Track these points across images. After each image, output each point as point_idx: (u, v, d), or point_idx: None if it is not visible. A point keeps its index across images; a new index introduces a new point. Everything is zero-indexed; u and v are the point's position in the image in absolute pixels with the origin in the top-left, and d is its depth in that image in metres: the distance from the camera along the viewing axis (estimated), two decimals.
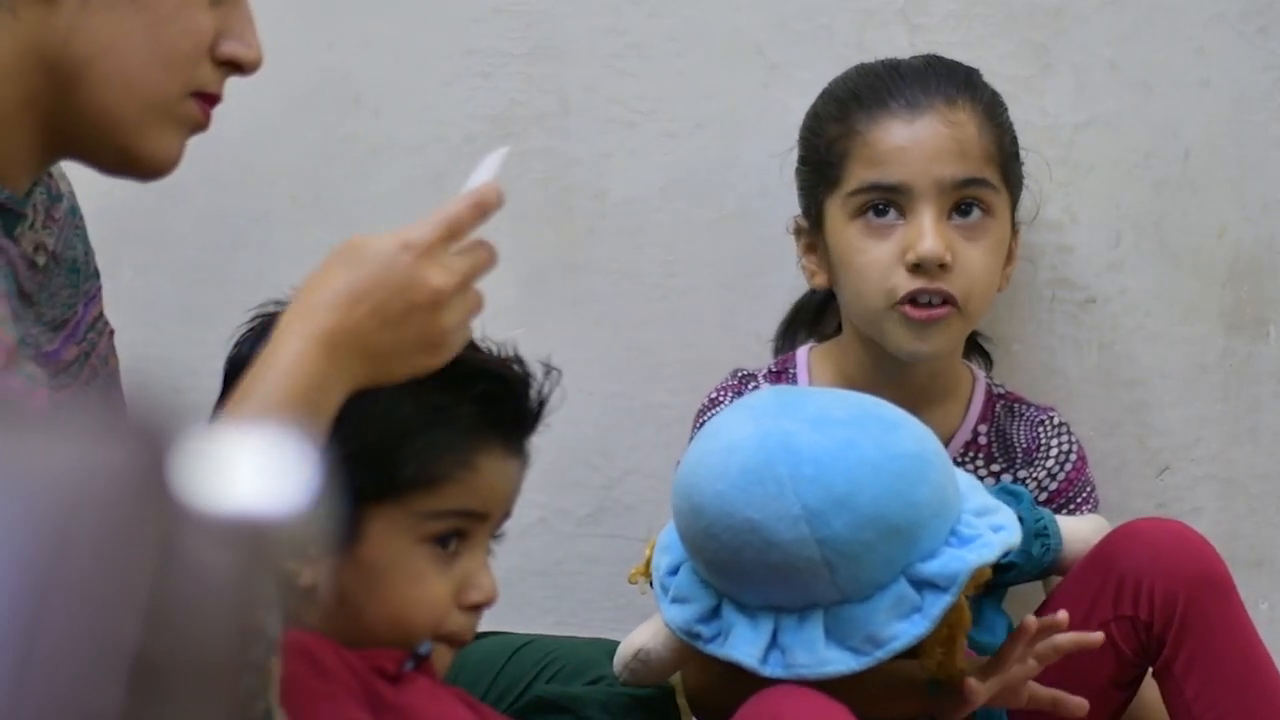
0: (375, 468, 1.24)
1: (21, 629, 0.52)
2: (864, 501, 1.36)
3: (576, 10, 1.86)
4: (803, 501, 1.35)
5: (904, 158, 1.61)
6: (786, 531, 1.36)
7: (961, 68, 1.68)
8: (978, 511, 1.43)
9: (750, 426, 1.40)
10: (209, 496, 0.57)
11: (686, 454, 1.46)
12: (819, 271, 1.69)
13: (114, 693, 0.53)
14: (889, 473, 1.37)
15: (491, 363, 1.33)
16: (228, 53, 1.23)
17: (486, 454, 1.29)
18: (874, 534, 1.36)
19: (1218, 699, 1.51)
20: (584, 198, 1.88)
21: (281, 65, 1.93)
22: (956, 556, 1.38)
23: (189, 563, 0.56)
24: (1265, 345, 1.82)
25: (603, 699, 1.53)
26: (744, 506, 1.37)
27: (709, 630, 1.43)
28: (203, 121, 1.24)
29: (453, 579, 1.28)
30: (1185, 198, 1.80)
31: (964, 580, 1.37)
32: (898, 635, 1.37)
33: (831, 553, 1.36)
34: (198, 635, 0.56)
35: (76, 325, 1.31)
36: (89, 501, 0.55)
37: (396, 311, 1.17)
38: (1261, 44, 1.77)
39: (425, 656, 1.28)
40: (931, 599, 1.37)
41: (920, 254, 1.58)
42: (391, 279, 1.18)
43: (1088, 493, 1.73)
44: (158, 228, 1.96)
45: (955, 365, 1.72)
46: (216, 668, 0.57)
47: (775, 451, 1.37)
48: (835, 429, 1.38)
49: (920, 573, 1.38)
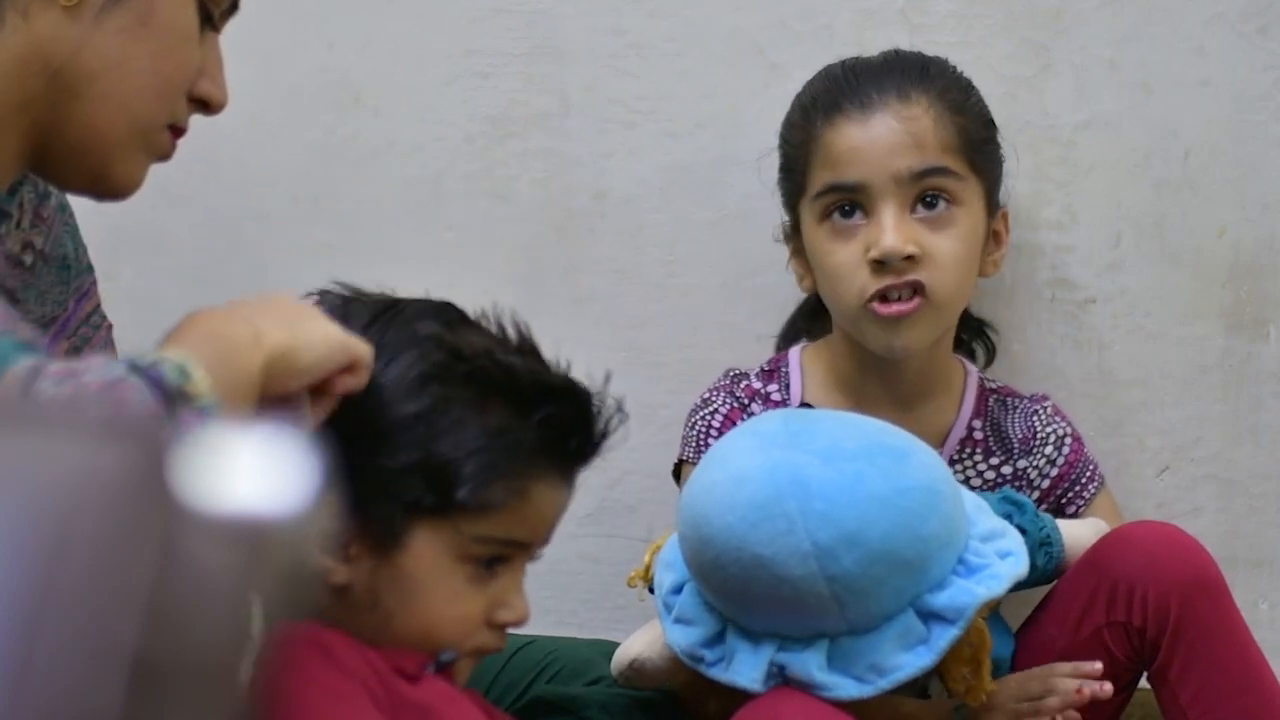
0: (430, 483, 1.23)
1: (21, 629, 0.52)
2: (874, 538, 1.34)
3: (576, 10, 1.86)
4: (813, 538, 1.34)
5: (858, 157, 1.61)
6: (797, 568, 1.34)
7: (919, 60, 1.68)
8: (985, 536, 1.42)
9: (760, 457, 1.38)
10: (209, 496, 0.57)
11: (693, 480, 1.45)
12: (805, 275, 1.70)
13: (114, 693, 0.53)
14: (898, 508, 1.36)
15: (559, 386, 1.30)
16: (203, 91, 1.25)
17: (541, 483, 1.28)
18: (883, 569, 1.35)
19: (1213, 704, 1.50)
20: (584, 198, 1.89)
21: (281, 65, 1.94)
22: (965, 589, 1.37)
23: (189, 563, 0.56)
24: (1265, 345, 1.82)
25: (603, 700, 1.52)
26: (753, 542, 1.36)
27: (712, 655, 1.43)
28: (170, 153, 1.26)
29: (486, 597, 1.28)
30: (1185, 198, 1.80)
31: (972, 614, 1.37)
32: (902, 666, 1.36)
33: (841, 589, 1.35)
34: (198, 635, 0.56)
35: (66, 321, 1.32)
36: (89, 501, 0.55)
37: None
38: (1261, 44, 1.77)
39: (449, 663, 1.27)
40: (939, 631, 1.37)
41: (882, 250, 1.59)
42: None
43: (1092, 471, 1.73)
44: (158, 228, 1.96)
45: (944, 360, 1.72)
46: (216, 668, 0.57)
47: (785, 486, 1.35)
48: (845, 462, 1.37)
49: (928, 605, 1.37)
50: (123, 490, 0.55)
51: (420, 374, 1.25)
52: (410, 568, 1.25)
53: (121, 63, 1.19)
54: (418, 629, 1.26)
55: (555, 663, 1.59)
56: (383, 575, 1.24)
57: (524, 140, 1.89)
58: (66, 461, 0.55)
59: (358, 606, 1.25)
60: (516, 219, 1.90)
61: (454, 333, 1.28)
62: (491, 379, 1.26)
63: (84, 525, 0.54)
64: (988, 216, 1.67)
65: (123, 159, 1.22)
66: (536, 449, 1.27)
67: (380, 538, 1.23)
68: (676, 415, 1.77)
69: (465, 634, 1.27)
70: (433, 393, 1.24)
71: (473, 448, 1.23)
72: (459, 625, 1.27)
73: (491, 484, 1.24)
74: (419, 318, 1.27)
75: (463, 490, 1.23)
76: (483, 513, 1.25)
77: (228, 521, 0.58)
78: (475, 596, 1.27)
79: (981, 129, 1.67)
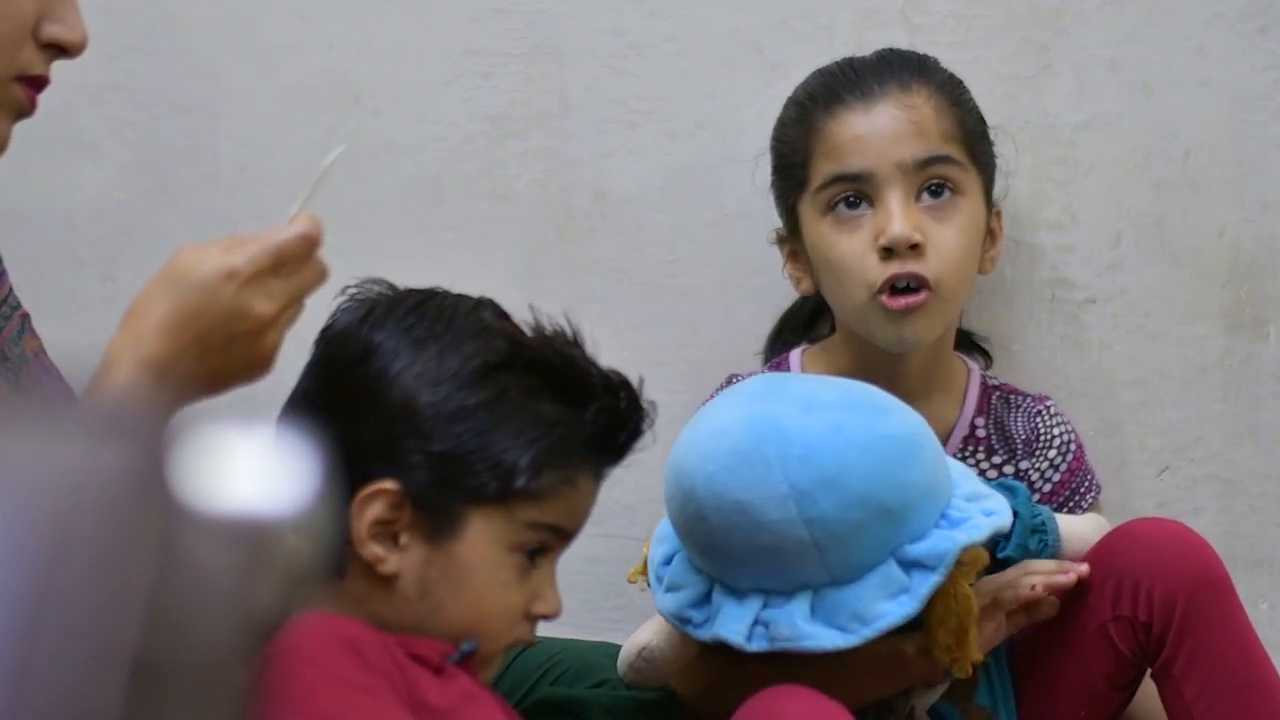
0: (493, 470, 1.25)
1: (21, 629, 0.52)
2: (852, 481, 1.36)
3: (576, 10, 1.86)
4: (790, 481, 1.36)
5: (863, 146, 1.62)
6: (775, 511, 1.36)
7: (915, 56, 1.69)
8: (969, 497, 1.43)
9: (740, 410, 1.41)
10: (208, 496, 0.57)
11: (678, 442, 1.46)
12: (804, 277, 1.70)
13: (114, 693, 0.53)
14: (878, 454, 1.38)
15: (611, 383, 1.34)
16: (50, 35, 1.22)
17: (585, 474, 1.31)
18: (863, 514, 1.36)
19: (1217, 700, 1.50)
20: (584, 198, 1.89)
21: (281, 65, 1.94)
22: (945, 536, 1.38)
23: (189, 563, 0.56)
24: (1265, 345, 1.82)
25: (607, 702, 1.53)
26: (733, 488, 1.37)
27: (699, 615, 1.44)
28: (28, 107, 1.24)
29: (527, 589, 1.29)
30: (1185, 198, 1.80)
31: (952, 560, 1.37)
32: (884, 614, 1.37)
33: (820, 533, 1.36)
34: (198, 635, 0.56)
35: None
36: (89, 502, 0.54)
37: (220, 339, 1.20)
38: (1261, 44, 1.76)
39: (470, 653, 1.28)
40: (919, 579, 1.38)
41: (890, 236, 1.59)
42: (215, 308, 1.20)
43: (1090, 479, 1.73)
44: (157, 228, 1.96)
45: (947, 358, 1.72)
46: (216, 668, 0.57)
47: (764, 433, 1.37)
48: (824, 412, 1.39)
49: (909, 554, 1.38)
50: (123, 490, 0.55)
51: (484, 363, 1.27)
52: (465, 556, 1.26)
53: None
54: (467, 618, 1.27)
55: (560, 665, 1.59)
56: (435, 564, 1.26)
57: (524, 140, 1.89)
58: (66, 461, 0.55)
59: (404, 596, 1.26)
60: (516, 219, 1.90)
61: (510, 324, 1.30)
62: (553, 369, 1.28)
63: (84, 525, 0.54)
64: (986, 211, 1.67)
65: None
66: (586, 440, 1.30)
67: (437, 527, 1.25)
68: (676, 415, 1.76)
69: (509, 625, 1.30)
70: (497, 382, 1.26)
71: (534, 435, 1.26)
72: (505, 616, 1.29)
73: (547, 470, 1.27)
74: (476, 309, 1.29)
75: (521, 478, 1.25)
76: (537, 499, 1.27)
77: (228, 521, 0.57)
78: (520, 588, 1.29)
79: (977, 123, 1.68)
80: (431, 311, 1.29)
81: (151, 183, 1.97)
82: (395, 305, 1.29)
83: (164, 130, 1.95)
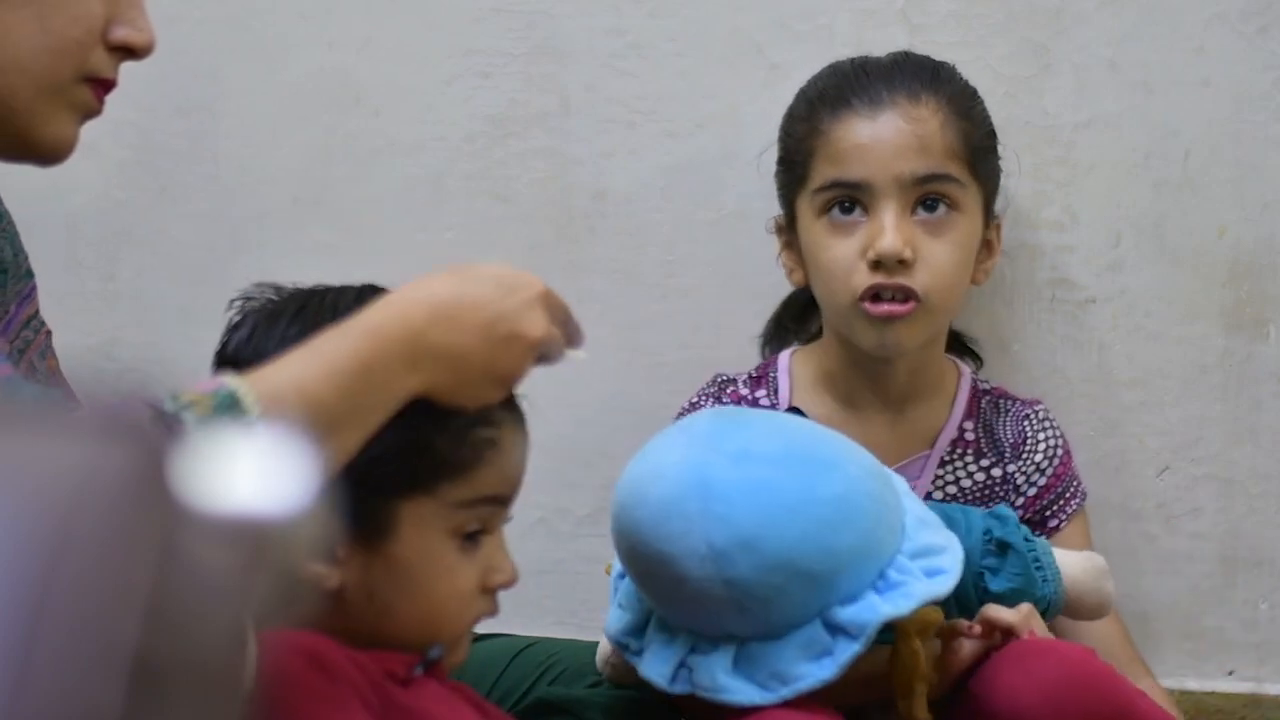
0: (408, 458, 1.24)
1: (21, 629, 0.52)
2: (772, 545, 1.32)
3: (576, 10, 1.86)
4: (709, 540, 1.33)
5: (864, 155, 1.61)
6: (695, 569, 1.33)
7: (930, 63, 1.68)
8: (916, 553, 1.38)
9: (678, 454, 1.37)
10: (209, 496, 0.57)
11: (628, 467, 1.43)
12: (796, 269, 1.70)
13: (114, 693, 0.53)
14: (806, 517, 1.33)
15: None
16: (119, 38, 1.23)
17: (508, 430, 1.29)
18: (783, 578, 1.33)
19: None
20: (584, 198, 1.89)
21: (281, 65, 1.94)
22: (870, 606, 1.34)
23: (189, 563, 0.56)
24: (1265, 345, 1.82)
25: (605, 702, 1.52)
26: (657, 539, 1.35)
27: (636, 643, 1.43)
28: (96, 107, 1.25)
29: (477, 566, 1.28)
30: (1185, 198, 1.80)
31: (873, 631, 1.34)
32: (804, 676, 1.35)
33: (740, 593, 1.33)
34: (198, 635, 0.56)
35: (8, 324, 1.32)
36: (90, 502, 0.55)
37: (496, 338, 1.22)
38: (1261, 44, 1.76)
39: (436, 660, 1.28)
40: (843, 645, 1.34)
41: (880, 251, 1.59)
42: (503, 307, 1.23)
43: (1076, 486, 1.73)
44: (158, 228, 1.96)
45: (937, 362, 1.72)
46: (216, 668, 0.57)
47: (690, 486, 1.34)
48: (756, 466, 1.34)
49: (836, 616, 1.35)
50: (123, 491, 0.55)
51: None
52: (402, 553, 1.25)
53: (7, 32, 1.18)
54: (419, 613, 1.26)
55: (557, 665, 1.59)
56: (375, 569, 1.25)
57: (524, 140, 1.89)
58: (66, 462, 0.55)
59: (354, 606, 1.25)
60: (516, 219, 1.90)
61: None
62: None
63: (85, 525, 0.54)
64: (984, 225, 1.67)
65: (44, 121, 1.22)
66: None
67: (368, 532, 1.24)
68: (676, 415, 1.77)
69: (464, 607, 1.28)
70: None
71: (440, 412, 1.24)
72: (458, 600, 1.28)
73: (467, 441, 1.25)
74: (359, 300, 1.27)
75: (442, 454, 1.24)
76: (463, 475, 1.26)
77: (228, 522, 0.58)
78: (467, 568, 1.28)
79: (985, 138, 1.67)
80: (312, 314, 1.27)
81: (151, 183, 1.97)
82: (276, 316, 1.28)
83: (164, 130, 1.95)
